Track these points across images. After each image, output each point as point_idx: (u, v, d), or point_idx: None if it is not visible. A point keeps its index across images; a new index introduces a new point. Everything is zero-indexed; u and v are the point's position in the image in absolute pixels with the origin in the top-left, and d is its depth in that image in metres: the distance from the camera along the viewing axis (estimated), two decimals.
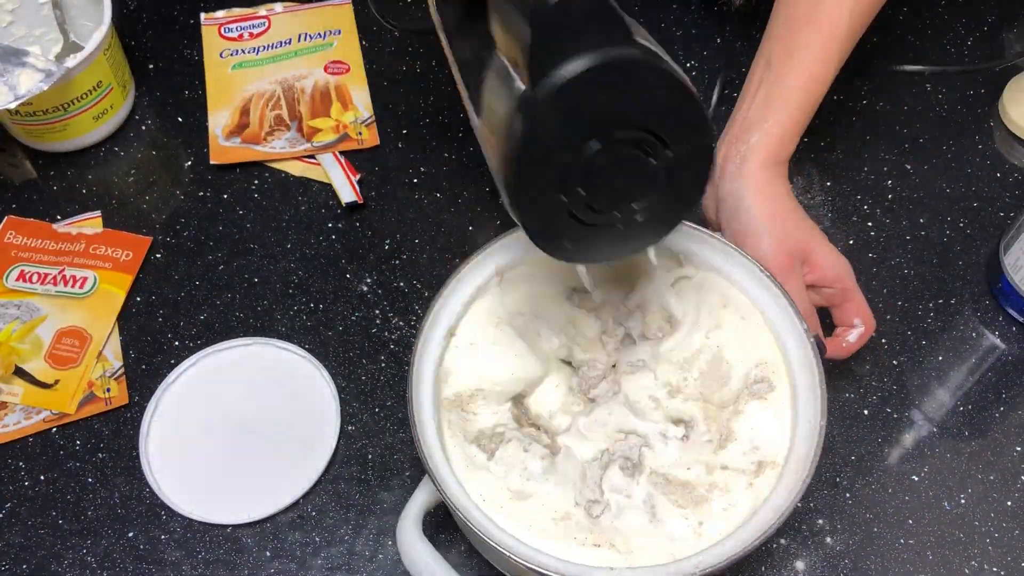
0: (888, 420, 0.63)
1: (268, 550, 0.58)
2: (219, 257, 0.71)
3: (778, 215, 0.59)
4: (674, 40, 0.81)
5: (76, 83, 0.71)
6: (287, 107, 0.77)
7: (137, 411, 0.64)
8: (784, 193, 0.60)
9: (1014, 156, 0.75)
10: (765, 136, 0.60)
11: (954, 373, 0.64)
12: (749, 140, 0.60)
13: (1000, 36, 0.82)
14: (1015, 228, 0.64)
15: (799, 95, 0.60)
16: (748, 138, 0.60)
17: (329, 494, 0.60)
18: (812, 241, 0.59)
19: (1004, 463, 0.61)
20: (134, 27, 0.84)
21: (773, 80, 0.61)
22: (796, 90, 0.60)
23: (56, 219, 0.72)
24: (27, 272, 0.69)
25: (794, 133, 0.61)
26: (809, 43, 0.60)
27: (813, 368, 0.51)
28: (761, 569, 0.57)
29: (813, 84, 0.60)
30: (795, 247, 0.58)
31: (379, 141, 0.76)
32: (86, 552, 0.59)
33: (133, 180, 0.75)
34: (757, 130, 0.60)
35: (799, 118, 0.60)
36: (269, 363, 0.65)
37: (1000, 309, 0.67)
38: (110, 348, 0.66)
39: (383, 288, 0.69)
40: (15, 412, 0.63)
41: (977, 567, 0.57)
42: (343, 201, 0.71)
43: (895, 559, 0.57)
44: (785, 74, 0.60)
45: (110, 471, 0.61)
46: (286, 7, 0.84)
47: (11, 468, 0.62)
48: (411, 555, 0.50)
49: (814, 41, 0.60)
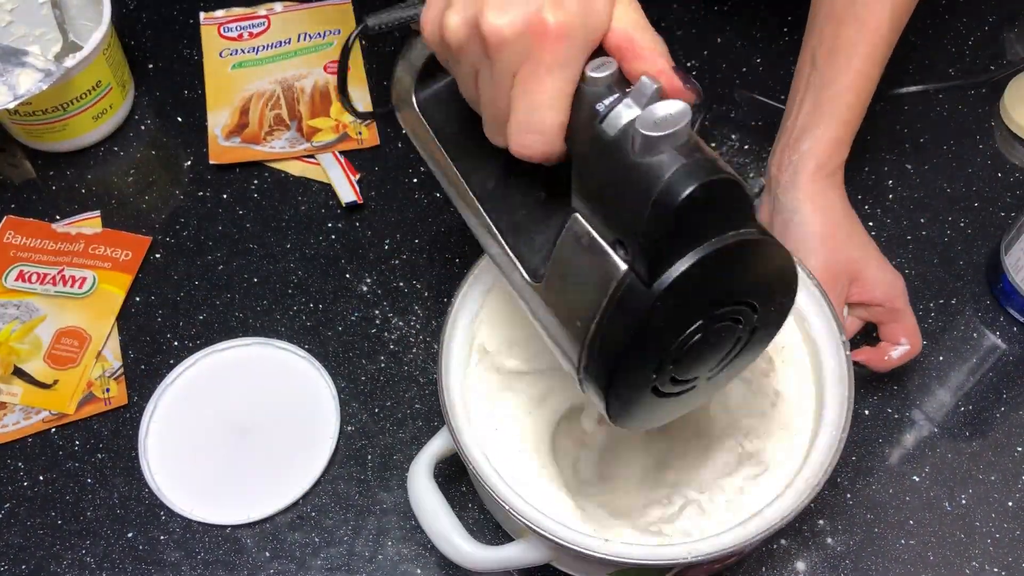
0: (888, 420, 0.62)
1: (268, 550, 0.58)
2: (219, 257, 0.70)
3: (829, 232, 0.57)
4: (674, 40, 0.81)
5: (75, 83, 0.71)
6: (287, 107, 0.77)
7: (136, 411, 0.63)
8: (838, 204, 0.59)
9: (1015, 156, 0.75)
10: (817, 143, 0.58)
11: (955, 373, 0.64)
12: (801, 148, 0.59)
13: (1000, 37, 0.82)
14: (1016, 228, 0.64)
15: (848, 96, 0.58)
16: (800, 146, 0.59)
17: (329, 494, 0.60)
18: (863, 260, 0.58)
19: (1005, 463, 0.61)
20: (133, 27, 0.84)
21: (820, 83, 0.59)
22: (845, 91, 0.58)
23: (55, 219, 0.72)
24: (26, 272, 0.69)
25: (847, 136, 0.59)
26: (853, 41, 0.58)
27: (845, 381, 0.51)
28: (761, 569, 0.57)
29: (862, 83, 0.59)
30: (843, 268, 0.57)
31: (379, 141, 0.76)
32: (85, 552, 0.58)
33: (132, 180, 0.75)
34: (808, 137, 0.59)
35: (850, 119, 0.59)
36: (269, 363, 0.65)
37: (1001, 309, 0.67)
38: (109, 348, 0.66)
39: (383, 288, 0.69)
40: (14, 412, 0.63)
41: (978, 567, 0.57)
42: (343, 201, 0.71)
43: (896, 559, 0.57)
44: (832, 76, 0.59)
45: (109, 471, 0.61)
46: (286, 7, 0.84)
47: (10, 468, 0.61)
48: (418, 496, 0.51)
49: (858, 39, 0.58)
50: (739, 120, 0.76)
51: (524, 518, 0.47)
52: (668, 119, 0.34)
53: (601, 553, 0.46)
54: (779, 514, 0.47)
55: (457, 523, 0.50)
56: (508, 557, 0.50)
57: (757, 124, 0.76)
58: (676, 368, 0.39)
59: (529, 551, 0.50)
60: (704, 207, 0.35)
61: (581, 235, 0.38)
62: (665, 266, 0.35)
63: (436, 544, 0.50)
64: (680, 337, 0.38)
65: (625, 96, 0.36)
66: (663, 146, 0.34)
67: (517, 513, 0.47)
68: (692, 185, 0.34)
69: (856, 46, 0.58)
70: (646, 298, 0.36)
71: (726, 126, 0.76)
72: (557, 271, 0.40)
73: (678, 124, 0.34)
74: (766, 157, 0.74)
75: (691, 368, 0.40)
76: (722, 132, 0.76)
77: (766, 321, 0.41)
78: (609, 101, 0.36)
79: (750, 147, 0.75)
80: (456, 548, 0.50)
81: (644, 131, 0.34)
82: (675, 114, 0.34)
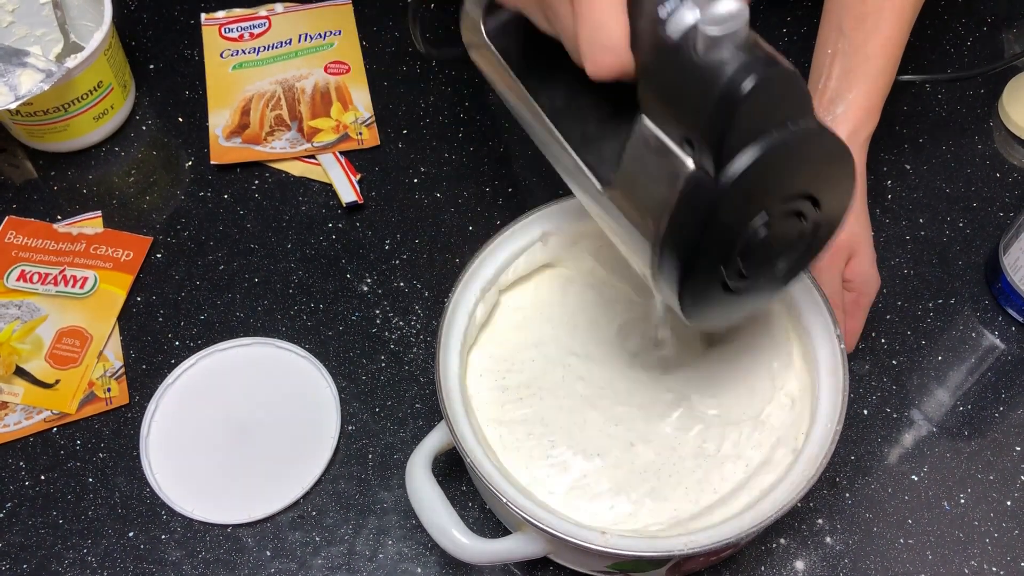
0: (888, 420, 0.63)
1: (268, 550, 0.59)
2: (219, 257, 0.71)
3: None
4: None
5: (77, 83, 0.71)
6: (287, 107, 0.77)
7: (137, 411, 0.64)
8: (862, 176, 0.59)
9: (1014, 156, 0.75)
10: (851, 109, 0.58)
11: (954, 373, 0.65)
12: (835, 111, 0.58)
13: (999, 37, 0.82)
14: (1015, 228, 0.64)
15: (879, 61, 0.58)
16: (834, 109, 0.59)
17: (329, 494, 0.60)
18: (864, 241, 0.58)
19: (1004, 463, 0.61)
20: (134, 27, 0.84)
21: (849, 49, 0.59)
22: (875, 57, 0.58)
23: (56, 219, 0.72)
24: (27, 272, 0.69)
25: (878, 103, 0.59)
26: (880, 5, 0.59)
27: (839, 372, 0.51)
28: (760, 569, 0.57)
29: (891, 48, 0.59)
30: (848, 240, 0.57)
31: (379, 141, 0.76)
32: (86, 552, 0.59)
33: (133, 180, 0.75)
34: (842, 101, 0.58)
35: (882, 84, 0.59)
36: (269, 363, 0.66)
37: (1000, 309, 0.67)
38: (110, 348, 0.66)
39: (383, 288, 0.69)
40: (15, 412, 0.63)
41: (977, 567, 0.57)
42: (344, 201, 0.71)
43: (895, 559, 0.57)
44: (861, 41, 0.59)
45: (110, 471, 0.61)
46: (286, 7, 0.84)
47: (11, 468, 0.62)
48: (416, 489, 0.51)
49: (884, 4, 0.58)
50: None
51: (520, 510, 0.47)
52: (728, 16, 0.35)
53: (598, 545, 0.46)
54: (774, 506, 0.47)
55: (455, 516, 0.50)
56: (506, 549, 0.50)
57: None
58: (744, 262, 0.41)
59: (526, 543, 0.50)
60: (766, 100, 0.36)
61: (649, 137, 0.40)
62: (730, 159, 0.37)
63: (434, 537, 0.51)
64: (747, 229, 0.39)
65: (685, 1, 0.38)
66: (725, 44, 0.36)
67: (513, 505, 0.48)
68: (755, 79, 0.35)
69: (882, 11, 0.59)
70: (714, 191, 0.37)
71: None
72: (627, 174, 0.42)
73: (738, 22, 0.36)
74: None
75: (759, 263, 0.42)
76: None
77: (828, 216, 0.42)
78: (671, 6, 0.38)
79: None
80: (454, 541, 0.50)
81: (706, 31, 0.36)
82: (735, 11, 0.35)
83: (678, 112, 0.38)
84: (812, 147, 0.39)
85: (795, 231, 0.42)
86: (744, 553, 0.58)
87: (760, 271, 0.42)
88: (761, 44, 0.37)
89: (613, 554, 0.47)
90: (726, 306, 0.44)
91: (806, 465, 0.49)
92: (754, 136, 0.37)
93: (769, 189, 0.39)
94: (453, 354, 0.53)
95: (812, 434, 0.50)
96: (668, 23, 0.37)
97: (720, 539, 0.46)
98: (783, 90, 0.37)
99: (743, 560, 0.58)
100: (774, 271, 0.43)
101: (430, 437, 0.53)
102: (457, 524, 0.50)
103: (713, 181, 0.37)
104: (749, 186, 0.38)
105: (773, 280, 0.44)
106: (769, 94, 0.36)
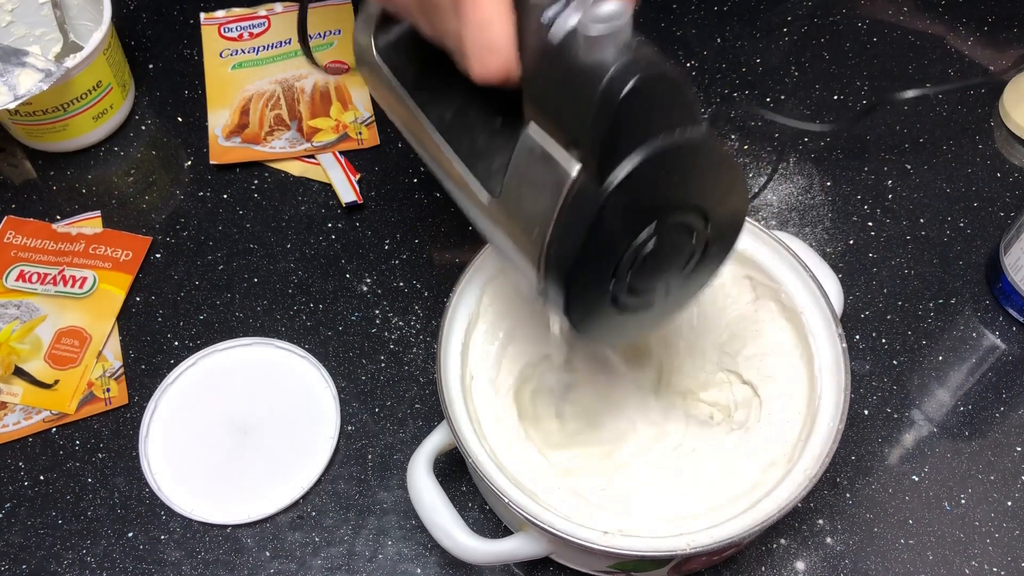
0: (888, 420, 0.63)
1: (268, 550, 0.58)
2: (219, 257, 0.71)
3: None
4: (674, 40, 0.81)
5: (76, 83, 0.71)
6: (287, 107, 0.77)
7: (137, 411, 0.64)
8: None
9: (1014, 156, 0.75)
10: None
11: (954, 373, 0.64)
12: None
13: (999, 37, 0.82)
14: (1015, 228, 0.64)
15: None
16: None
17: (329, 494, 0.60)
18: None
19: (1004, 463, 0.61)
20: (134, 27, 0.84)
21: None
22: None
23: (56, 219, 0.72)
24: (27, 272, 0.69)
25: None
26: None
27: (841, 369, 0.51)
28: (761, 569, 0.57)
29: None
30: None
31: (379, 141, 0.76)
32: (86, 552, 0.58)
33: (133, 180, 0.75)
34: None
35: None
36: (269, 363, 0.65)
37: (1000, 309, 0.67)
38: (110, 348, 0.66)
39: (383, 288, 0.69)
40: (15, 412, 0.63)
41: (977, 567, 0.57)
42: (343, 201, 0.71)
43: (895, 559, 0.57)
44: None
45: (110, 471, 0.61)
46: (286, 7, 0.84)
47: (11, 468, 0.62)
48: (418, 490, 0.51)
49: None
50: (739, 120, 0.77)
51: (522, 510, 0.47)
52: (608, 16, 0.35)
53: (600, 545, 0.46)
54: (776, 505, 0.47)
55: (456, 516, 0.50)
56: (507, 550, 0.50)
57: (757, 124, 0.76)
58: (633, 277, 0.40)
59: (528, 543, 0.50)
60: (650, 104, 0.36)
61: (534, 146, 0.39)
62: (615, 164, 0.36)
63: (435, 537, 0.51)
64: (634, 240, 0.39)
65: (569, 3, 0.37)
66: (606, 45, 0.35)
67: (515, 505, 0.47)
68: (637, 79, 0.35)
69: None
70: (598, 196, 0.37)
71: (726, 126, 0.76)
72: (514, 183, 0.41)
73: (620, 22, 0.35)
74: (766, 157, 0.74)
75: (647, 278, 0.41)
76: (722, 132, 0.76)
77: (719, 234, 0.42)
78: (554, 11, 0.37)
79: (750, 147, 0.75)
80: (455, 541, 0.50)
81: (587, 31, 0.35)
82: (616, 11, 0.35)
83: (562, 118, 0.38)
84: (700, 156, 0.38)
85: (686, 247, 0.41)
86: (745, 554, 0.58)
87: (650, 287, 0.42)
88: (645, 46, 0.36)
89: (615, 553, 0.47)
90: (619, 323, 0.43)
91: (808, 464, 0.49)
92: (639, 142, 0.36)
93: (655, 198, 0.38)
94: (454, 354, 0.53)
95: (814, 433, 0.50)
96: (552, 26, 0.37)
97: (722, 539, 0.46)
98: (669, 95, 0.36)
99: (744, 560, 0.58)
100: (667, 288, 0.43)
101: (431, 437, 0.53)
102: (459, 525, 0.50)
103: (596, 189, 0.36)
104: (634, 195, 0.37)
105: (665, 302, 0.43)
106: (653, 97, 0.35)
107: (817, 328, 0.53)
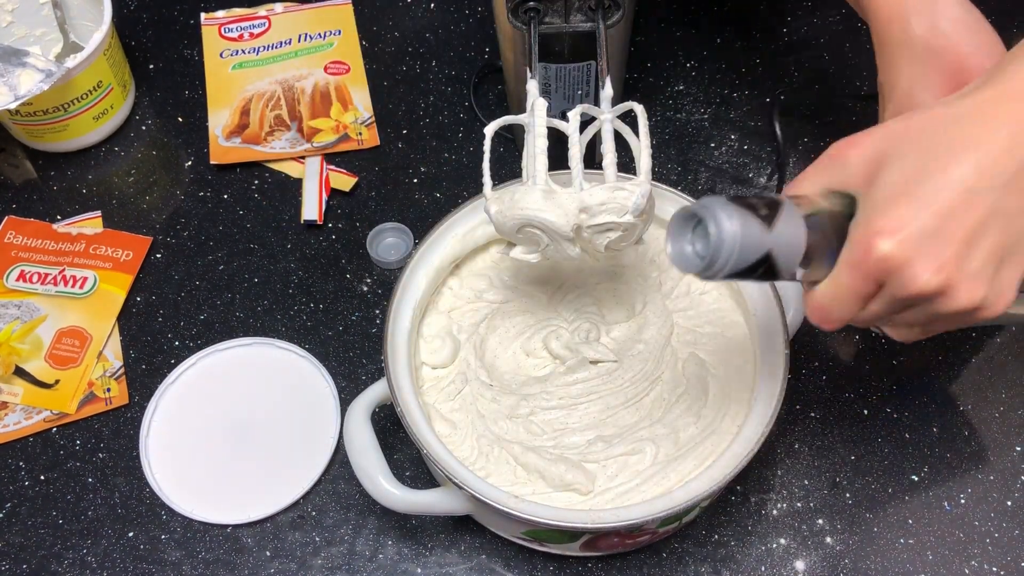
0: (888, 420, 0.63)
1: (268, 550, 0.58)
2: (219, 257, 0.71)
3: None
4: (674, 40, 0.81)
5: (76, 83, 0.71)
6: (287, 107, 0.77)
7: (137, 411, 0.64)
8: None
9: None
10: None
11: (954, 372, 0.64)
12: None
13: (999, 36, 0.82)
14: None
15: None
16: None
17: (329, 494, 0.60)
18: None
19: (1004, 463, 0.61)
20: (134, 27, 0.84)
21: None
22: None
23: (56, 219, 0.72)
24: (27, 272, 0.69)
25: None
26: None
27: (779, 374, 0.52)
28: (761, 569, 0.57)
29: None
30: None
31: (379, 141, 0.76)
32: (86, 552, 0.59)
33: (133, 180, 0.75)
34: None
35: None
36: (269, 363, 0.65)
37: None
38: (110, 348, 0.66)
39: (383, 288, 0.69)
40: (15, 412, 0.63)
41: (977, 567, 0.57)
42: (303, 217, 0.71)
43: (895, 559, 0.57)
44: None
45: (110, 471, 0.61)
46: (286, 7, 0.84)
47: (11, 468, 0.62)
48: (351, 433, 0.52)
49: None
50: (739, 120, 0.77)
51: (437, 462, 0.49)
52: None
53: (507, 508, 0.47)
54: (687, 496, 0.48)
55: (383, 463, 0.51)
56: (425, 502, 0.51)
57: (757, 124, 0.76)
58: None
59: (446, 499, 0.51)
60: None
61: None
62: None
63: (360, 481, 0.52)
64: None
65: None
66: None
67: (433, 457, 0.49)
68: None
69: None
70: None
71: (726, 126, 0.76)
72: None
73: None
74: (766, 157, 0.74)
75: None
76: (722, 132, 0.76)
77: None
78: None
79: (750, 147, 0.75)
80: (376, 484, 0.51)
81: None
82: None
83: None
84: None
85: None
86: (744, 553, 0.58)
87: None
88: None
89: (523, 519, 0.48)
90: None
91: (731, 458, 0.49)
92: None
93: None
94: (406, 308, 0.55)
95: (746, 425, 0.51)
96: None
97: (626, 520, 0.47)
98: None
99: (743, 560, 0.58)
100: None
101: (375, 386, 0.54)
102: (384, 471, 0.51)
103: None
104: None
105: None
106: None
107: (755, 303, 0.55)
